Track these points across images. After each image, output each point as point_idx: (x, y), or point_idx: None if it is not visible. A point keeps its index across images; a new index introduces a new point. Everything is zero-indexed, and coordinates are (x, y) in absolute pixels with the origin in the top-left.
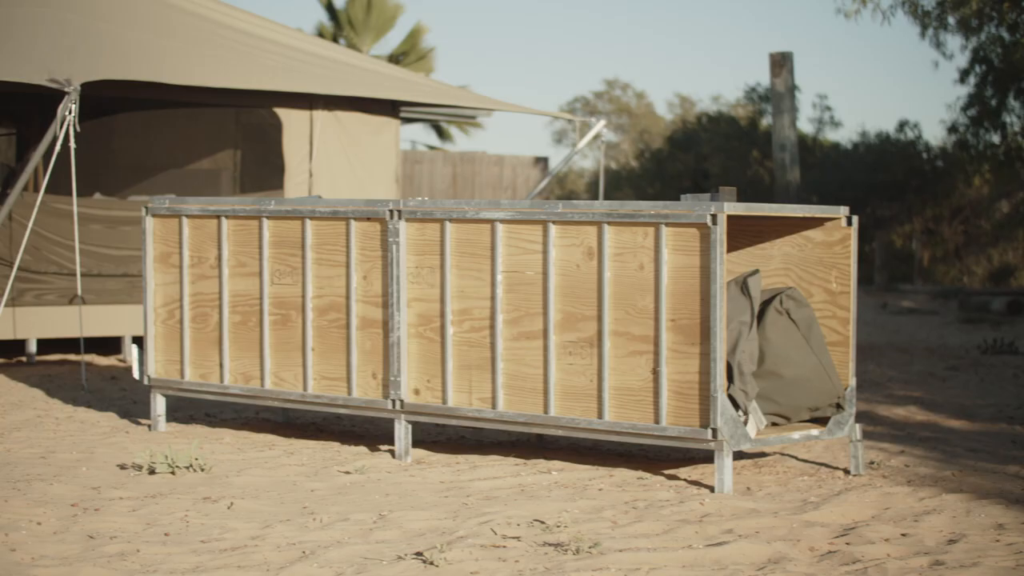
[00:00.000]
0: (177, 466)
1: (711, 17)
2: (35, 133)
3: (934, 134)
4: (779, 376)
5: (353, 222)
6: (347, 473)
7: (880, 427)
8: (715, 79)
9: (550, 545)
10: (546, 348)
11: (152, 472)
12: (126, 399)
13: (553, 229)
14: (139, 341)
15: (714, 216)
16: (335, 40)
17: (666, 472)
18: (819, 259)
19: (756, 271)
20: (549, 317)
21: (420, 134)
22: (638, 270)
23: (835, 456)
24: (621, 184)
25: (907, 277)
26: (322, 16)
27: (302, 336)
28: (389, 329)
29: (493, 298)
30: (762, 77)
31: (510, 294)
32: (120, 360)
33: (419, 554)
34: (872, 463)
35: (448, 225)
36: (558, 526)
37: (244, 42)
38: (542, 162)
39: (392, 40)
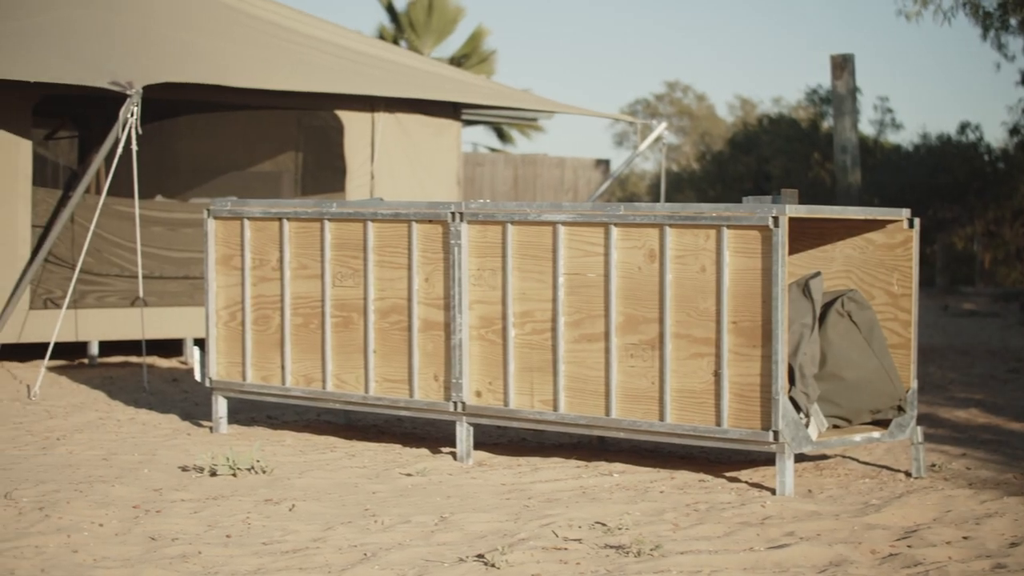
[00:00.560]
0: (239, 468)
1: (772, 19)
2: (97, 136)
3: (995, 136)
4: (840, 378)
5: (415, 224)
6: (409, 475)
7: (941, 429)
8: (776, 81)
9: (611, 547)
10: (608, 350)
11: (214, 474)
12: (188, 401)
13: (615, 231)
14: (201, 343)
15: (776, 218)
16: (396, 42)
17: (727, 474)
18: (880, 261)
19: (818, 273)
20: (611, 319)
21: (481, 136)
22: (700, 272)
23: (896, 459)
24: (682, 186)
25: (968, 279)
26: (383, 18)
27: (364, 338)
28: (451, 331)
29: (555, 300)
30: (823, 79)
31: (572, 296)
32: (182, 362)
33: (480, 556)
34: (933, 466)
35: (510, 227)
36: (619, 528)
37: (305, 44)
38: (603, 164)
39: (453, 43)
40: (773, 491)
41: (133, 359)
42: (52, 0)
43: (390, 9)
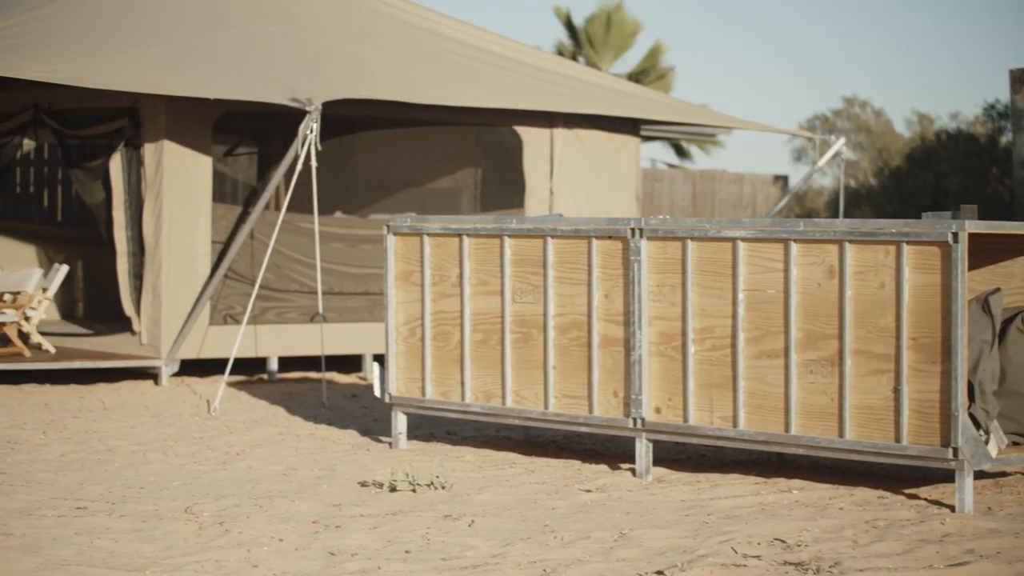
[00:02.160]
0: (418, 484)
1: (949, 34)
2: (276, 152)
3: None
4: (1021, 395)
5: (595, 240)
6: (588, 491)
7: None
8: (954, 96)
9: (791, 564)
10: (787, 367)
11: (393, 490)
12: (367, 417)
13: (794, 247)
14: (380, 359)
15: (955, 234)
16: (574, 58)
17: (906, 491)
18: None
19: (997, 289)
20: (790, 336)
21: (659, 152)
22: (879, 288)
23: None
24: (859, 202)
25: None
26: (561, 34)
27: (543, 354)
28: (630, 347)
29: (734, 316)
30: (1002, 94)
31: (751, 312)
32: (361, 378)
33: (659, 573)
34: None
35: (689, 243)
36: (799, 545)
37: (484, 60)
38: (781, 180)
39: (631, 58)
40: (952, 508)
41: (312, 375)
42: (231, 18)
43: (568, 25)
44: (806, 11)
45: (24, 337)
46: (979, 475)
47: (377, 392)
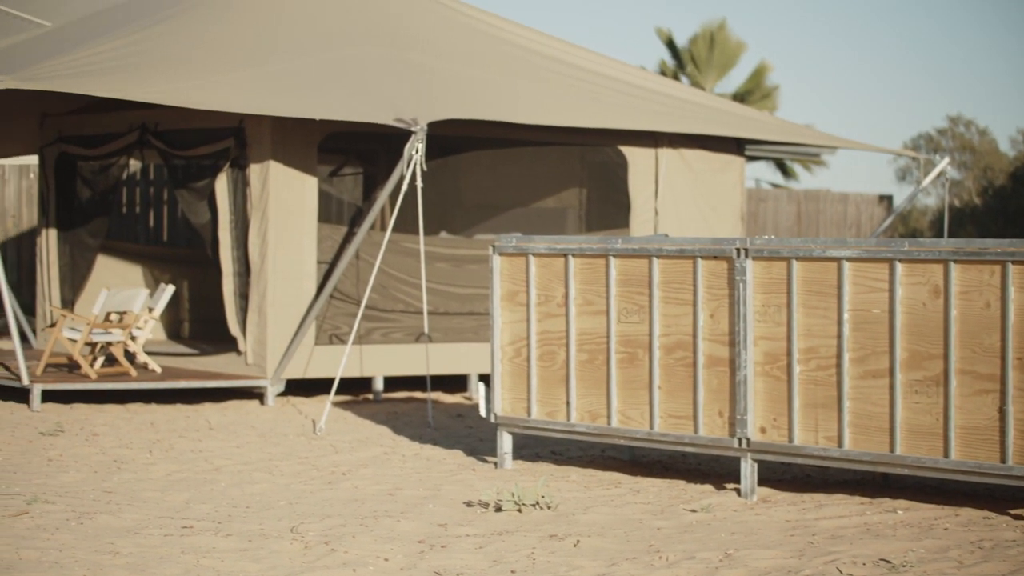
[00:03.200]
0: (524, 503)
1: None
2: (381, 172)
3: None
4: None
5: (700, 260)
6: (693, 511)
7: None
8: None
9: None
10: (892, 387)
11: (499, 509)
12: (472, 436)
13: (899, 267)
14: (485, 379)
15: None
16: (677, 78)
17: (1012, 512)
18: None
19: None
20: (895, 355)
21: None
22: (984, 308)
23: None
24: (964, 222)
25: None
26: (664, 54)
27: (649, 374)
28: (736, 367)
29: (839, 336)
30: None
31: (856, 332)
32: (466, 398)
33: None
34: None
35: (795, 263)
36: (904, 566)
37: (589, 80)
38: (886, 200)
39: (735, 78)
40: None
41: (417, 395)
42: (337, 39)
43: (670, 45)
44: (910, 30)
45: (131, 357)
46: None
47: (483, 412)
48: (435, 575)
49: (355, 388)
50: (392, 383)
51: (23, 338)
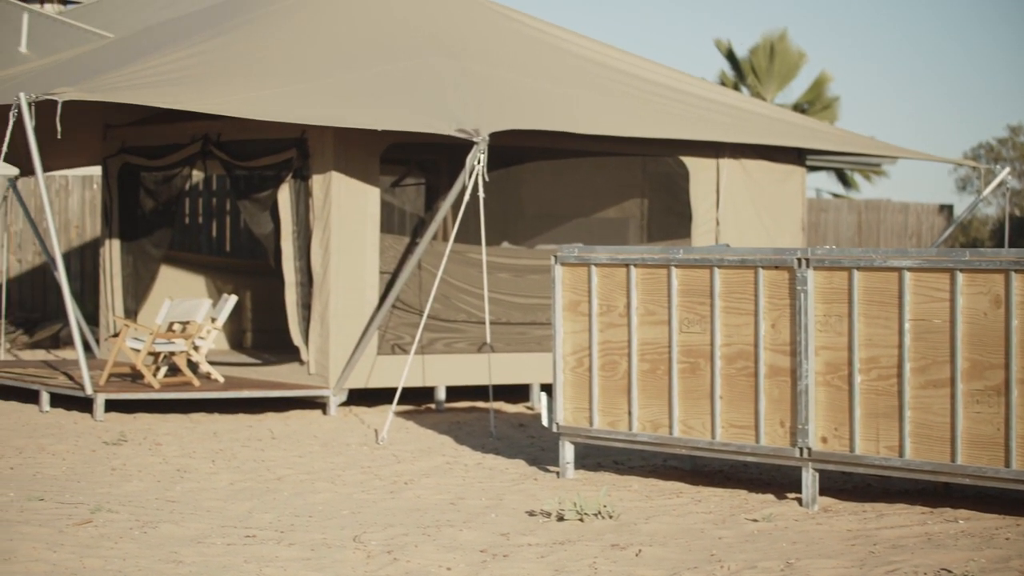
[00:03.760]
0: (585, 513)
1: None
2: (443, 183)
3: None
4: None
5: (761, 270)
6: (754, 521)
7: None
8: None
9: None
10: (953, 396)
11: (561, 519)
12: (534, 446)
13: (960, 277)
14: (547, 389)
15: None
16: (737, 89)
17: None
18: None
19: None
20: (956, 365)
21: (824, 182)
22: None
23: None
24: None
25: None
26: (724, 65)
27: (710, 384)
28: (797, 377)
29: (900, 346)
30: None
31: (917, 342)
32: (528, 407)
33: None
34: None
35: (856, 273)
36: (965, 575)
37: (650, 90)
38: (946, 210)
39: (796, 89)
40: None
41: (480, 404)
42: (398, 50)
43: (730, 56)
44: (970, 40)
45: (193, 367)
46: None
47: (545, 421)
48: None
49: (417, 398)
50: (454, 393)
51: (86, 348)
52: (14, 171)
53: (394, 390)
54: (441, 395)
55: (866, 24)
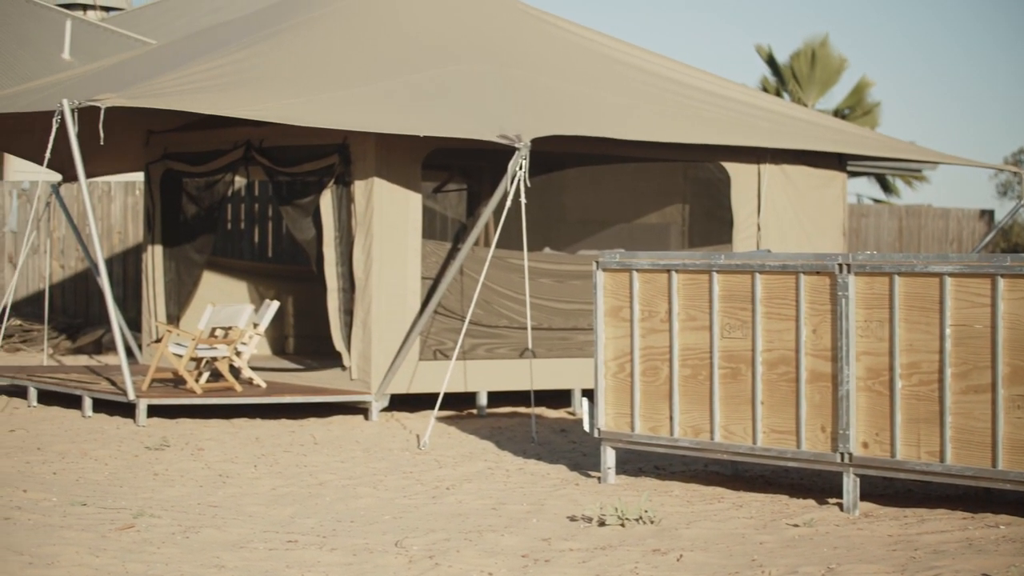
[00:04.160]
0: (627, 518)
1: None
2: (485, 188)
3: None
4: None
5: (802, 276)
6: (795, 526)
7: None
8: None
9: None
10: (994, 402)
11: (602, 524)
12: (576, 451)
13: (1002, 283)
14: (589, 394)
15: None
16: (778, 94)
17: None
18: None
19: None
20: (997, 370)
21: (865, 188)
22: None
23: None
24: None
25: None
26: (765, 71)
27: (751, 389)
28: (838, 382)
29: (941, 351)
30: None
31: (958, 347)
32: (569, 413)
33: None
34: None
35: (897, 279)
36: None
37: (691, 96)
38: (987, 215)
39: (836, 94)
40: None
41: (521, 410)
42: (439, 56)
43: (770, 62)
44: (1010, 45)
45: (236, 372)
46: None
47: (586, 427)
48: None
49: (459, 403)
50: (496, 398)
51: (129, 353)
52: (57, 177)
53: (436, 395)
54: (483, 400)
55: (907, 30)
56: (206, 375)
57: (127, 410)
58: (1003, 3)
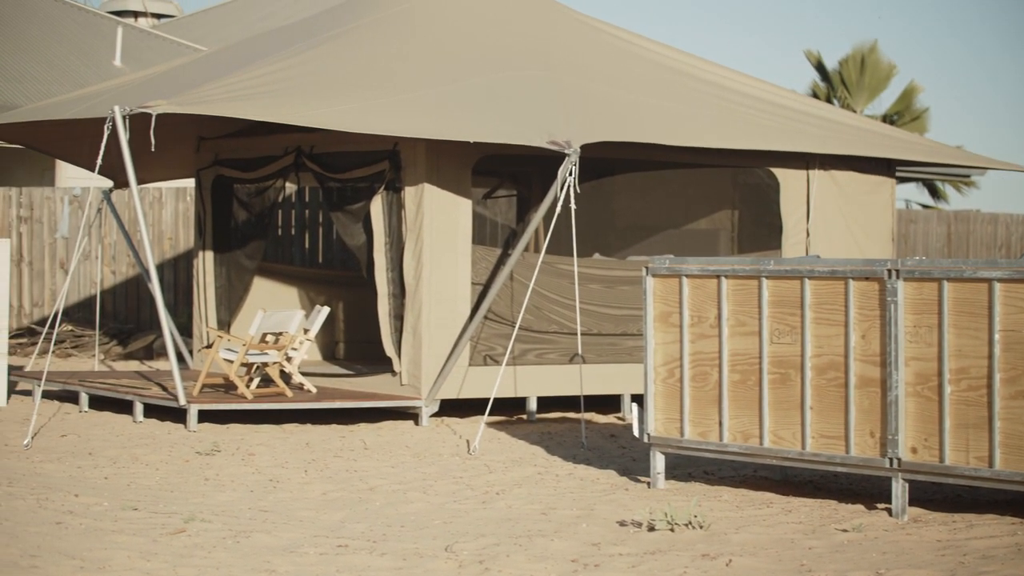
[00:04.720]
0: (676, 523)
1: None
2: (535, 194)
3: None
4: None
5: (851, 282)
6: (844, 531)
7: None
8: None
9: None
10: None
11: (651, 529)
12: (625, 457)
13: None
14: (639, 399)
15: None
16: (828, 100)
17: None
18: None
19: None
20: None
21: (913, 193)
22: None
23: None
24: None
25: None
26: (814, 76)
27: (800, 395)
28: (887, 388)
29: (990, 357)
30: None
31: (1007, 353)
32: (619, 418)
33: None
34: None
35: (945, 284)
36: None
37: (739, 102)
38: None
39: (885, 100)
40: None
41: (571, 415)
42: (489, 62)
43: (820, 68)
44: None
45: (286, 377)
46: None
47: (636, 432)
48: None
49: (509, 408)
50: (545, 403)
51: (180, 359)
52: (108, 183)
53: (485, 401)
54: (532, 406)
55: (955, 35)
56: (257, 380)
57: (178, 415)
58: None
